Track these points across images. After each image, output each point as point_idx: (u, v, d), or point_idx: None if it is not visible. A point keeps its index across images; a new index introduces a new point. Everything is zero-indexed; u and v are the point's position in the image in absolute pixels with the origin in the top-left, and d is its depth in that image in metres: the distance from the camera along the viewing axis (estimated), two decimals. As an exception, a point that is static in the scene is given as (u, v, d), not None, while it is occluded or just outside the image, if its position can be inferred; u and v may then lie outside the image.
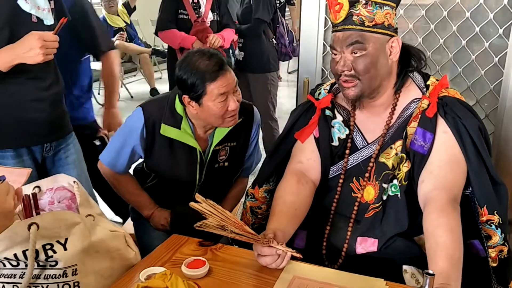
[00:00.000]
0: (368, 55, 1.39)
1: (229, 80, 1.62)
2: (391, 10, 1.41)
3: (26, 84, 1.77)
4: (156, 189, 1.93)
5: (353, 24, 1.39)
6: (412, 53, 1.51)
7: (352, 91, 1.45)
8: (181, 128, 1.73)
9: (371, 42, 1.39)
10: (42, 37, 1.63)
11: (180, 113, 1.73)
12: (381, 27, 1.40)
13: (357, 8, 1.39)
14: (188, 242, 1.52)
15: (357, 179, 1.53)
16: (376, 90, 1.45)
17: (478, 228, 1.44)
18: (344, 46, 1.41)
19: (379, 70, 1.42)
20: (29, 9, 1.71)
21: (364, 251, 1.47)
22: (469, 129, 1.40)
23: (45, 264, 1.23)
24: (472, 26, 1.99)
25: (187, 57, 1.65)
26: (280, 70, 8.37)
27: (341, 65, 1.43)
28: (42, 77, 1.81)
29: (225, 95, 1.62)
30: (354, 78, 1.43)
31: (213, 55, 1.63)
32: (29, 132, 1.82)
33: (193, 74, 1.60)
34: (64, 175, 1.46)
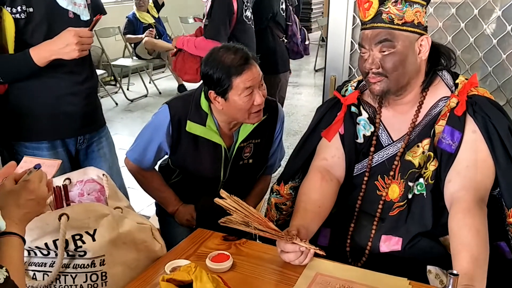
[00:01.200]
0: (396, 53, 1.39)
1: (254, 74, 1.63)
2: (421, 8, 1.39)
3: (62, 79, 1.81)
4: (181, 185, 1.95)
5: (382, 22, 1.39)
6: (441, 52, 1.49)
7: (378, 86, 1.44)
8: (206, 125, 1.75)
9: (400, 40, 1.38)
10: (78, 34, 1.67)
11: (206, 110, 1.75)
12: (410, 25, 1.39)
13: (386, 6, 1.38)
14: (212, 236, 1.54)
15: (382, 177, 1.52)
16: (404, 88, 1.44)
17: (506, 229, 1.42)
18: (372, 44, 1.40)
19: (407, 68, 1.41)
20: (66, 5, 1.75)
21: (388, 250, 1.46)
22: (498, 129, 1.38)
23: (74, 254, 1.26)
24: (504, 25, 1.95)
25: (212, 53, 1.67)
26: (307, 67, 8.38)
27: (369, 62, 1.42)
28: (77, 71, 1.85)
29: (251, 89, 1.63)
30: (382, 76, 1.42)
31: (238, 49, 1.64)
32: (64, 125, 1.87)
33: (219, 69, 1.62)
34: (93, 168, 1.50)
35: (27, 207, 1.06)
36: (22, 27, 1.68)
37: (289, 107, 5.88)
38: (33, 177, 1.10)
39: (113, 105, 6.04)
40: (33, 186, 1.08)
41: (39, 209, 1.11)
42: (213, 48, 1.70)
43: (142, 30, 6.26)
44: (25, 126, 1.82)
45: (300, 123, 5.23)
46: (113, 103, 6.07)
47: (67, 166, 1.90)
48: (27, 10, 1.68)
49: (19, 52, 1.67)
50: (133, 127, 5.20)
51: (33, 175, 1.10)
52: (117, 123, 5.38)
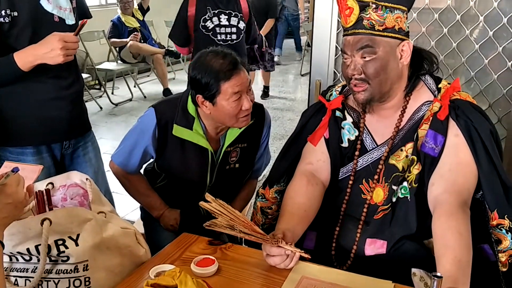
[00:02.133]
0: (378, 59, 1.40)
1: (243, 79, 1.63)
2: (402, 13, 1.41)
3: (48, 83, 1.80)
4: (166, 189, 1.94)
5: (363, 28, 1.40)
6: (424, 57, 1.51)
7: (362, 95, 1.45)
8: (193, 128, 1.75)
9: (381, 46, 1.39)
10: (63, 38, 1.66)
11: (192, 113, 1.74)
12: (391, 31, 1.40)
13: (367, 12, 1.39)
14: (198, 240, 1.53)
15: (366, 181, 1.53)
16: (387, 94, 1.46)
17: (489, 232, 1.44)
18: (354, 50, 1.41)
19: (389, 74, 1.42)
20: (51, 9, 1.74)
21: (373, 253, 1.47)
22: (480, 132, 1.40)
23: (57, 259, 1.25)
24: (486, 30, 1.98)
25: (200, 57, 1.67)
26: (293, 72, 8.41)
27: (351, 68, 1.43)
28: (63, 76, 1.84)
29: (239, 94, 1.63)
30: (364, 82, 1.43)
31: (226, 54, 1.64)
32: (49, 129, 1.85)
33: (207, 74, 1.61)
34: (77, 172, 1.48)
35: (5, 212, 1.05)
36: (6, 31, 1.66)
37: (275, 111, 5.90)
38: (10, 180, 1.08)
39: (98, 109, 6.00)
40: (11, 190, 1.07)
41: (17, 213, 1.09)
42: (201, 52, 1.70)
43: (127, 34, 6.24)
44: (9, 131, 1.79)
45: (286, 127, 5.24)
46: (97, 107, 6.03)
47: (52, 171, 1.88)
48: (12, 14, 1.66)
49: (3, 56, 1.65)
50: (117, 131, 5.17)
51: (10, 179, 1.08)
52: (101, 127, 5.35)
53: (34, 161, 1.83)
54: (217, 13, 3.34)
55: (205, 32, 3.36)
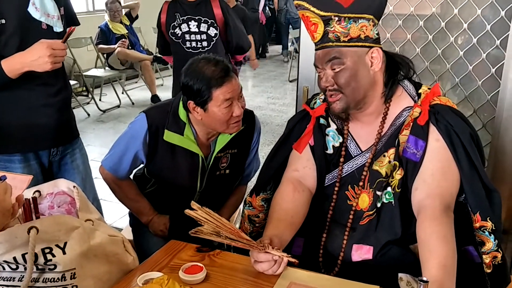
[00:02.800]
0: (347, 69, 1.42)
1: (234, 86, 1.64)
2: (367, 22, 1.42)
3: (35, 90, 1.79)
4: (156, 195, 1.94)
5: (329, 41, 1.42)
6: (397, 61, 1.52)
7: (337, 105, 1.47)
8: (184, 134, 1.75)
9: (348, 56, 1.41)
10: (50, 46, 1.65)
11: (183, 119, 1.75)
12: (357, 41, 1.41)
13: (331, 26, 1.41)
14: (186, 248, 1.53)
15: (352, 187, 1.54)
16: (362, 101, 1.47)
17: (473, 234, 1.45)
18: (324, 63, 1.44)
19: (360, 82, 1.44)
20: (39, 17, 1.73)
21: (360, 259, 1.48)
22: (461, 136, 1.42)
23: (44, 267, 1.24)
24: (470, 37, 2.01)
25: (192, 64, 1.68)
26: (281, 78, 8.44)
27: (324, 81, 1.46)
28: (51, 83, 1.83)
29: (230, 100, 1.64)
30: (338, 91, 1.45)
31: (218, 62, 1.66)
32: (37, 137, 1.84)
33: (199, 80, 1.62)
34: (64, 180, 1.47)
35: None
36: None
37: (263, 117, 5.92)
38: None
39: (85, 116, 5.97)
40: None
41: (3, 221, 1.09)
42: (194, 59, 1.70)
43: (114, 41, 6.22)
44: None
45: (275, 133, 5.26)
46: (85, 114, 6.00)
47: (40, 178, 1.86)
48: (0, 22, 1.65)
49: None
50: (105, 138, 5.15)
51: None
52: (89, 134, 5.32)
53: (21, 169, 1.83)
54: (186, 20, 3.25)
55: (175, 40, 3.30)
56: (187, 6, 3.25)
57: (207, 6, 3.29)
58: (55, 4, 1.79)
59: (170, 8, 3.29)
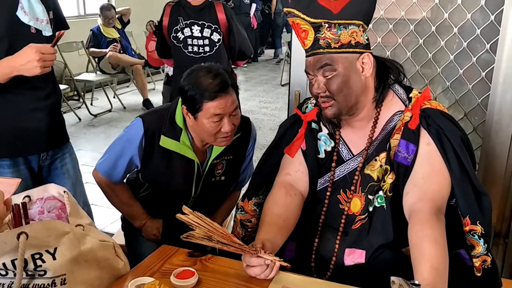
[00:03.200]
0: (338, 75, 1.42)
1: (227, 103, 1.63)
2: (357, 28, 1.42)
3: (25, 94, 1.78)
4: (149, 199, 1.93)
5: (320, 48, 1.42)
6: (387, 66, 1.53)
7: (329, 111, 1.47)
8: (180, 140, 1.75)
9: (339, 62, 1.42)
10: (40, 50, 1.64)
11: (180, 125, 1.74)
12: (348, 47, 1.42)
13: (322, 32, 1.41)
14: (177, 252, 1.52)
15: (344, 191, 1.55)
16: (354, 106, 1.47)
17: (464, 237, 1.46)
18: (315, 70, 1.44)
19: (352, 88, 1.44)
20: (27, 21, 1.72)
21: (352, 263, 1.48)
22: (452, 140, 1.42)
23: (34, 273, 1.23)
24: (460, 41, 2.03)
25: (194, 69, 1.68)
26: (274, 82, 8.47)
27: (316, 87, 1.46)
28: (40, 87, 1.82)
29: (220, 116, 1.64)
30: (330, 98, 1.45)
31: (219, 74, 1.64)
32: (27, 141, 1.83)
33: (194, 88, 1.62)
34: (54, 185, 1.46)
35: None
36: None
37: (256, 121, 5.92)
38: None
39: (76, 120, 5.93)
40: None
41: None
42: (198, 65, 1.70)
43: (106, 44, 6.20)
44: None
45: (267, 137, 5.26)
46: (76, 118, 5.96)
47: (30, 183, 1.85)
48: None
49: None
50: (96, 142, 5.12)
51: None
52: (80, 138, 5.29)
53: (10, 173, 1.81)
54: (188, 24, 3.23)
55: (176, 44, 3.27)
56: (191, 10, 3.22)
57: (211, 11, 3.26)
58: (44, 8, 1.78)
59: (173, 11, 3.24)
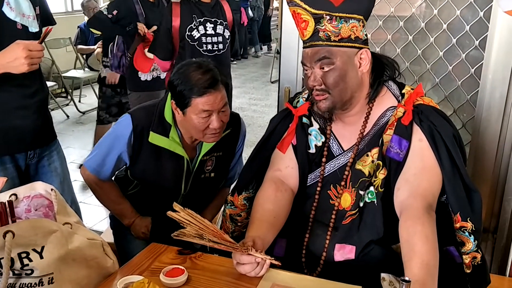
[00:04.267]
0: (336, 69, 1.41)
1: (216, 100, 1.62)
2: (357, 22, 1.42)
3: (11, 92, 1.76)
4: (138, 197, 1.91)
5: (319, 40, 1.41)
6: (384, 63, 1.53)
7: (323, 104, 1.47)
8: (169, 136, 1.73)
9: (338, 56, 1.41)
10: (27, 47, 1.62)
11: (169, 121, 1.73)
12: (347, 41, 1.41)
13: (322, 24, 1.40)
14: (167, 250, 1.51)
15: (334, 187, 1.54)
16: (348, 101, 1.47)
17: (454, 234, 1.46)
18: (313, 62, 1.43)
19: (348, 83, 1.44)
20: (14, 17, 1.70)
21: (342, 258, 1.47)
22: (443, 136, 1.42)
23: (21, 272, 1.21)
24: (449, 38, 2.03)
25: (185, 64, 1.67)
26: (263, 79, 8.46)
27: (312, 80, 1.45)
28: (27, 84, 1.80)
29: (209, 112, 1.62)
30: (325, 92, 1.45)
31: (208, 71, 1.63)
32: (13, 139, 1.80)
33: (183, 83, 1.61)
34: (41, 183, 1.44)
35: None
36: None
37: (245, 118, 5.90)
38: None
39: (64, 118, 5.89)
40: None
41: None
42: (190, 60, 1.69)
43: (93, 41, 6.14)
44: None
45: (257, 134, 5.25)
46: (64, 116, 5.91)
47: (17, 182, 1.82)
48: None
49: None
50: (85, 139, 5.08)
51: None
52: (68, 136, 5.25)
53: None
54: (203, 22, 3.17)
55: (190, 42, 3.18)
56: (204, 7, 3.17)
57: (221, 8, 3.27)
58: (30, 4, 1.75)
59: (183, 9, 3.16)
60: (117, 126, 1.78)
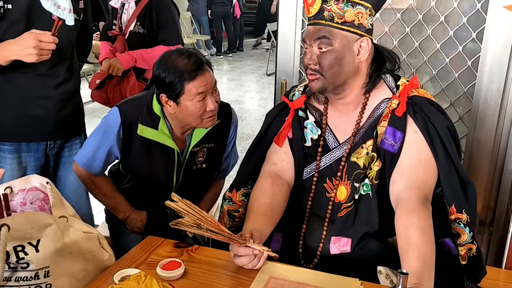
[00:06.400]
0: (333, 51, 1.41)
1: (207, 80, 1.62)
2: (364, 10, 1.42)
3: (34, 81, 1.78)
4: (132, 191, 1.90)
5: (323, 19, 1.41)
6: (386, 56, 1.52)
7: (315, 84, 1.47)
8: (158, 128, 1.72)
9: (338, 38, 1.41)
10: (38, 37, 1.62)
11: (158, 113, 1.72)
12: (350, 25, 1.41)
13: (329, 4, 1.40)
14: (163, 243, 1.51)
15: (330, 179, 1.54)
16: (341, 87, 1.47)
17: (449, 226, 1.47)
18: (312, 40, 1.43)
19: (342, 68, 1.43)
20: (48, 7, 1.71)
21: (338, 251, 1.47)
22: (438, 128, 1.42)
23: (16, 266, 1.21)
24: (447, 30, 2.03)
25: (165, 56, 1.65)
26: (259, 72, 8.45)
27: (308, 58, 1.45)
28: (51, 74, 1.82)
29: (204, 94, 1.61)
30: (318, 73, 1.45)
31: (192, 54, 1.62)
32: (31, 128, 1.82)
33: (171, 73, 1.59)
34: (37, 176, 1.44)
35: None
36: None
37: (242, 111, 5.90)
38: None
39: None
40: None
41: None
42: (166, 52, 1.67)
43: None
44: None
45: (253, 127, 5.25)
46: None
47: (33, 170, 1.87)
48: (5, 6, 1.65)
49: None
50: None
51: None
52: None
53: (11, 159, 1.82)
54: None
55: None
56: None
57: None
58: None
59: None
60: (105, 119, 1.76)
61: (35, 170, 1.89)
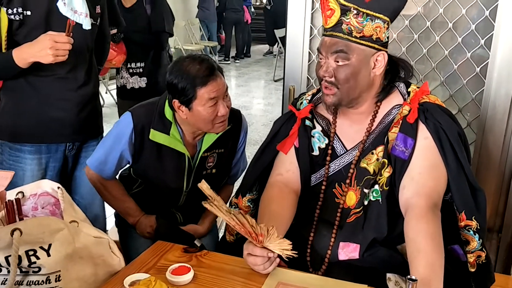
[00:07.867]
0: (350, 66, 1.40)
1: (219, 85, 1.63)
2: (382, 24, 1.41)
3: (53, 83, 1.82)
4: (143, 195, 1.92)
5: (341, 32, 1.40)
6: (400, 66, 1.52)
7: (330, 99, 1.46)
8: (170, 133, 1.74)
9: (355, 53, 1.40)
10: (53, 38, 1.66)
11: (169, 118, 1.74)
12: (368, 40, 1.40)
13: (348, 17, 1.39)
14: (173, 248, 1.52)
15: (339, 185, 1.54)
16: (355, 100, 1.47)
17: (459, 233, 1.46)
18: (329, 52, 1.42)
19: (358, 82, 1.43)
20: (65, 12, 1.74)
21: (347, 257, 1.47)
22: (449, 135, 1.42)
23: (28, 270, 1.22)
24: (455, 37, 2.03)
25: (178, 61, 1.67)
26: (266, 78, 8.47)
27: (323, 70, 1.44)
28: (70, 77, 1.86)
29: (215, 99, 1.63)
30: (333, 86, 1.44)
31: (204, 60, 1.64)
32: (51, 130, 1.86)
33: (184, 79, 1.61)
34: (48, 181, 1.45)
35: None
36: (16, 28, 1.70)
37: (249, 116, 5.91)
38: None
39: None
40: None
41: None
42: (179, 57, 1.70)
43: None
44: (9, 126, 1.84)
45: (260, 133, 5.26)
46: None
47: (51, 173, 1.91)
48: (24, 13, 1.70)
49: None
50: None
51: None
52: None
53: (31, 160, 1.86)
54: None
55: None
56: None
57: None
58: (84, 1, 1.78)
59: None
60: (118, 124, 1.79)
61: (54, 171, 1.93)
